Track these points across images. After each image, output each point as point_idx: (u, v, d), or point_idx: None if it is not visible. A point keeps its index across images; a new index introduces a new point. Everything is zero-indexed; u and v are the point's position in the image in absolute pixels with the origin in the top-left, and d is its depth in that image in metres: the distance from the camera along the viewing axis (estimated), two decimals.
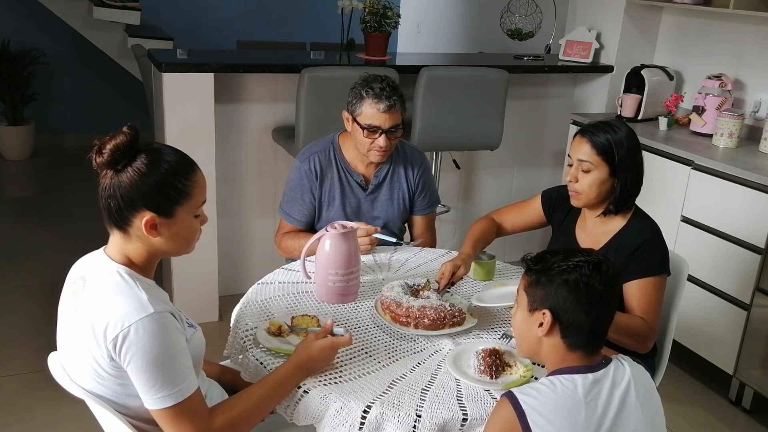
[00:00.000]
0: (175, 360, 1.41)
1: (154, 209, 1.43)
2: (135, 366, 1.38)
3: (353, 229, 2.02)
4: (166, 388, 1.39)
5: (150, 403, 1.41)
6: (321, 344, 1.62)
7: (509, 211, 2.42)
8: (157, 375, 1.38)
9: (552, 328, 1.44)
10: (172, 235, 1.48)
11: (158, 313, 1.39)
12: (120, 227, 1.46)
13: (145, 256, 1.49)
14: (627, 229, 2.06)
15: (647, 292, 1.99)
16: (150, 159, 1.44)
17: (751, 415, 3.04)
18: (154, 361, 1.37)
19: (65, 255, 4.08)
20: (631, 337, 1.96)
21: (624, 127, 2.05)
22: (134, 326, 1.36)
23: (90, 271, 1.49)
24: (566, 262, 1.44)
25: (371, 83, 2.31)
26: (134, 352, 1.37)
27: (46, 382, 2.88)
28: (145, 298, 1.41)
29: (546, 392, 1.37)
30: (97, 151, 1.43)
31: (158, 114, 3.41)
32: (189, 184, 1.47)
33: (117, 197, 1.43)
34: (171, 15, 6.14)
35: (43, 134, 6.05)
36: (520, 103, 4.09)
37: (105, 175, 1.45)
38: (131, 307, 1.39)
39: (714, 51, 3.73)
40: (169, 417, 1.41)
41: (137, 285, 1.44)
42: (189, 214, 1.49)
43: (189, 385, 1.42)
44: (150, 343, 1.37)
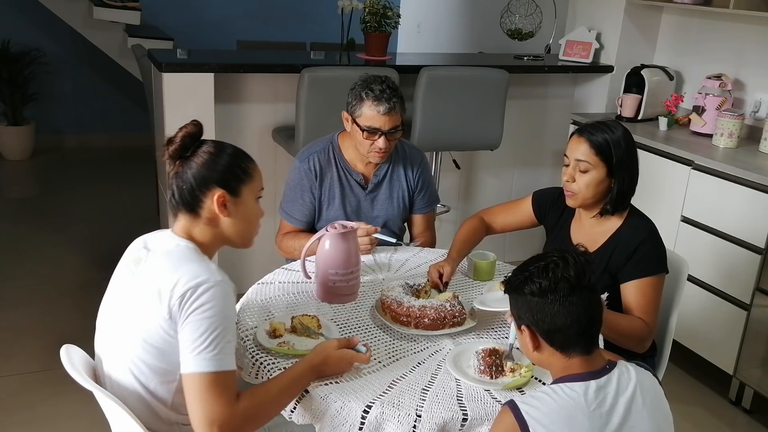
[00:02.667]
0: (229, 332, 1.46)
1: (224, 186, 1.57)
2: (194, 320, 1.42)
3: (353, 229, 2.02)
4: (212, 351, 1.42)
5: (191, 364, 1.42)
6: (341, 354, 1.64)
7: (499, 210, 2.41)
8: (210, 336, 1.42)
9: (538, 341, 1.45)
10: (238, 216, 1.60)
11: (227, 283, 1.49)
12: (191, 209, 1.57)
13: (210, 240, 1.60)
14: (624, 229, 2.06)
15: (645, 292, 1.99)
16: (216, 144, 1.60)
17: (751, 415, 3.04)
18: (214, 322, 1.43)
19: (65, 255, 4.13)
20: (629, 338, 1.96)
21: (620, 126, 2.05)
22: (207, 285, 1.44)
23: (156, 243, 1.58)
24: (522, 274, 1.44)
25: (371, 84, 2.31)
26: (198, 306, 1.42)
27: (46, 382, 2.90)
28: (215, 268, 1.51)
29: (548, 401, 1.35)
30: (168, 141, 1.57)
31: (158, 114, 3.41)
32: (251, 166, 1.64)
33: (189, 180, 1.55)
34: (171, 15, 6.13)
35: (43, 134, 6.05)
36: (520, 103, 4.09)
37: (175, 166, 1.58)
38: (204, 270, 1.48)
39: (714, 51, 3.73)
40: (203, 383, 1.41)
41: (206, 258, 1.55)
42: (252, 195, 1.64)
43: (231, 360, 1.46)
44: (216, 304, 1.44)
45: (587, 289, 1.41)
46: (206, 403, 1.41)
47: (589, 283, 1.42)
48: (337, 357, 1.63)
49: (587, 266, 1.42)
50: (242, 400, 1.47)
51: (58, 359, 1.55)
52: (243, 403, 1.47)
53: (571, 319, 1.39)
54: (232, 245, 1.65)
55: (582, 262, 1.42)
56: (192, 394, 1.43)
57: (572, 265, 1.40)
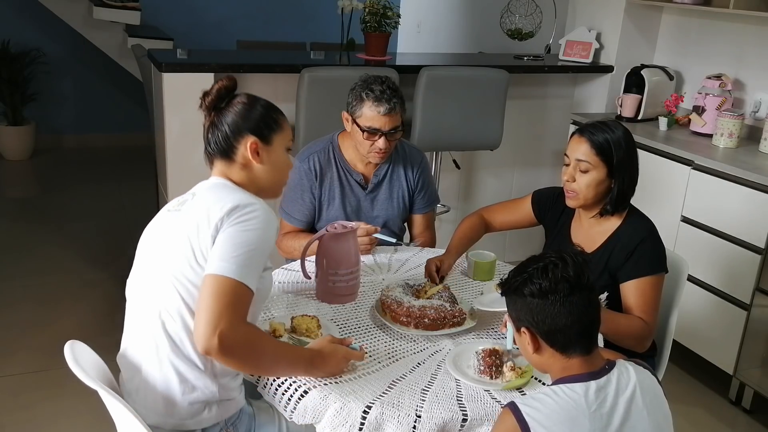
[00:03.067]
0: (262, 255, 1.53)
1: (257, 134, 1.66)
2: (233, 231, 1.49)
3: (353, 229, 2.02)
4: (240, 262, 1.47)
5: (216, 266, 1.46)
6: (334, 348, 1.64)
7: (499, 209, 2.43)
8: (244, 250, 1.48)
9: (538, 342, 1.44)
10: (270, 162, 1.69)
11: (272, 212, 1.58)
12: (226, 156, 1.67)
13: (246, 182, 1.68)
14: (623, 229, 2.06)
15: (644, 292, 1.99)
16: (248, 97, 1.71)
17: (751, 415, 3.04)
18: (252, 239, 1.50)
19: (65, 255, 4.13)
20: (629, 338, 1.97)
21: (621, 127, 2.05)
22: (254, 206, 1.55)
23: (199, 187, 1.68)
24: (521, 275, 1.44)
25: (371, 85, 2.31)
26: (242, 221, 1.51)
27: (46, 382, 2.90)
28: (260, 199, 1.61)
29: (549, 402, 1.35)
30: (204, 94, 1.69)
31: (158, 114, 3.41)
32: (282, 118, 1.73)
33: (224, 127, 1.66)
34: (171, 15, 6.13)
35: (43, 134, 6.05)
36: (520, 103, 4.09)
37: (210, 116, 1.68)
38: (250, 199, 1.59)
39: (714, 51, 3.73)
40: (221, 287, 1.44)
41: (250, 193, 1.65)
42: (282, 144, 1.72)
43: (253, 282, 1.49)
44: (259, 225, 1.52)
45: (586, 288, 1.41)
46: (217, 307, 1.43)
47: (588, 282, 1.42)
48: (331, 350, 1.63)
49: (585, 266, 1.43)
50: (251, 327, 1.51)
51: (58, 359, 1.55)
52: (249, 327, 1.50)
53: (572, 319, 1.39)
54: (262, 194, 1.69)
55: (580, 262, 1.42)
56: (207, 294, 1.45)
57: (571, 265, 1.40)
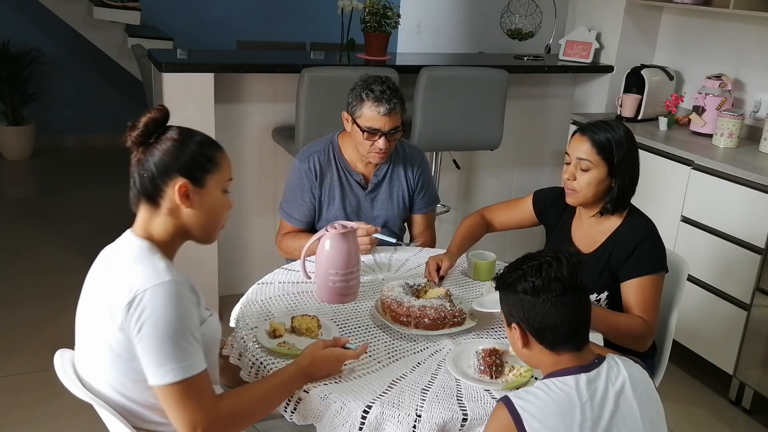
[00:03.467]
0: (186, 333, 1.38)
1: (187, 175, 1.47)
2: (145, 334, 1.35)
3: (353, 229, 2.02)
4: (174, 361, 1.36)
5: (156, 378, 1.37)
6: (327, 353, 1.61)
7: (500, 208, 2.43)
8: (167, 346, 1.36)
9: (527, 338, 1.46)
10: (202, 207, 1.50)
11: (174, 282, 1.40)
12: (151, 200, 1.49)
13: (171, 233, 1.51)
14: (623, 228, 2.06)
15: (644, 291, 1.99)
16: (181, 131, 1.50)
17: (751, 415, 3.04)
18: (165, 330, 1.35)
19: (65, 255, 4.13)
20: (629, 337, 1.97)
21: (622, 126, 2.05)
22: (148, 291, 1.36)
23: (112, 249, 1.52)
24: (516, 272, 1.46)
25: (371, 85, 2.31)
26: (145, 318, 1.35)
27: (46, 382, 2.90)
28: (162, 266, 1.42)
29: (541, 396, 1.37)
30: (131, 127, 1.48)
31: None
32: (218, 155, 1.52)
33: (151, 167, 1.47)
34: (171, 15, 6.13)
35: (43, 134, 6.05)
36: (520, 103, 4.09)
37: (137, 152, 1.49)
38: (147, 274, 1.40)
39: (714, 51, 3.73)
40: (175, 394, 1.37)
41: (156, 257, 1.45)
42: (218, 186, 1.52)
43: (198, 362, 1.40)
44: (162, 310, 1.36)
45: (579, 289, 1.44)
46: (184, 410, 1.38)
47: (581, 283, 1.44)
48: (324, 357, 1.60)
49: (579, 267, 1.45)
50: (225, 400, 1.45)
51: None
52: (226, 402, 1.44)
53: (562, 319, 1.41)
54: (194, 240, 1.55)
55: (574, 263, 1.44)
56: (168, 404, 1.39)
57: (565, 265, 1.42)
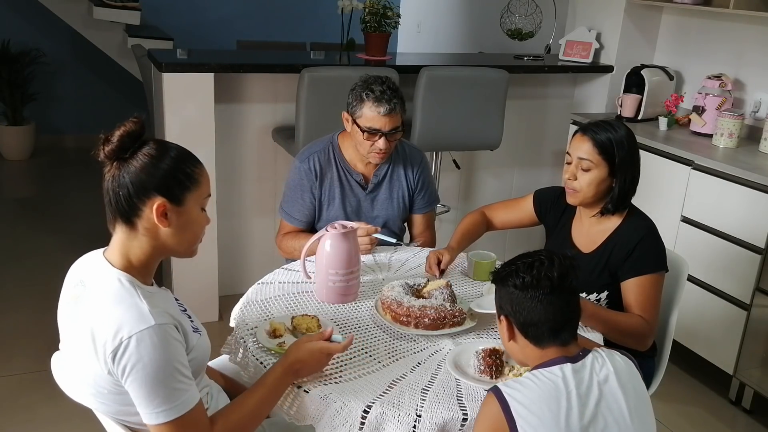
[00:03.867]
0: (175, 374, 1.36)
1: (165, 194, 1.41)
2: (134, 380, 1.33)
3: (353, 229, 2.02)
4: (166, 402, 1.35)
5: (149, 418, 1.36)
6: (311, 347, 1.58)
7: (500, 207, 2.44)
8: (157, 390, 1.34)
9: (512, 331, 1.51)
10: (180, 226, 1.44)
11: (159, 326, 1.35)
12: (127, 219, 1.42)
13: (149, 254, 1.44)
14: (623, 228, 2.07)
15: (644, 290, 1.99)
16: (158, 145, 1.43)
17: (751, 415, 3.04)
18: (154, 375, 1.33)
19: (65, 255, 4.08)
20: (630, 337, 1.97)
21: (623, 126, 2.05)
22: (134, 339, 1.32)
23: (89, 275, 1.45)
24: (510, 267, 1.51)
25: (371, 85, 2.31)
26: (133, 365, 1.32)
27: (46, 382, 2.88)
28: (146, 309, 1.36)
29: (529, 384, 1.41)
30: (104, 140, 1.40)
31: (158, 114, 3.41)
32: (197, 171, 1.46)
33: (127, 185, 1.39)
34: (171, 15, 6.13)
35: (43, 134, 6.05)
36: (520, 103, 4.09)
37: (111, 167, 1.41)
38: (131, 318, 1.34)
39: (714, 51, 3.73)
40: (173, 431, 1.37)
41: (138, 294, 1.39)
42: (197, 204, 1.47)
43: (190, 398, 1.38)
44: (150, 356, 1.32)
45: (567, 290, 1.48)
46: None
47: (571, 285, 1.48)
48: (308, 351, 1.57)
49: (572, 270, 1.48)
50: (217, 423, 1.44)
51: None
52: (218, 427, 1.43)
53: (546, 317, 1.46)
54: (173, 255, 1.51)
55: (567, 265, 1.48)
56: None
57: (557, 266, 1.46)
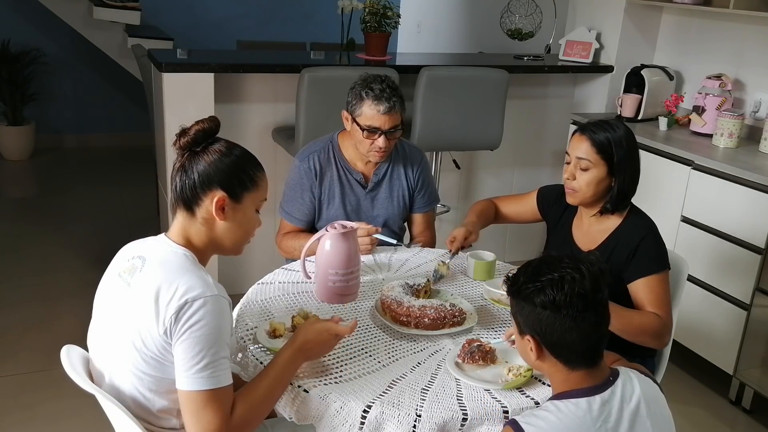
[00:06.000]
0: (223, 348, 1.44)
1: (226, 189, 1.53)
2: (188, 338, 1.40)
3: (353, 229, 2.02)
4: (207, 369, 1.40)
5: (187, 382, 1.40)
6: (318, 328, 1.61)
7: (507, 199, 2.49)
8: (206, 353, 1.40)
9: (541, 351, 1.41)
10: (235, 222, 1.56)
11: (222, 297, 1.46)
12: (188, 207, 1.54)
13: (206, 242, 1.56)
14: (623, 227, 2.07)
15: (654, 289, 1.99)
16: (228, 144, 1.58)
17: (751, 415, 3.04)
18: (209, 338, 1.41)
19: (65, 255, 4.13)
20: (647, 335, 1.95)
21: (622, 126, 2.05)
22: (202, 300, 1.41)
23: (150, 251, 1.54)
24: (534, 283, 1.37)
25: (371, 84, 2.31)
26: (192, 324, 1.40)
27: (46, 382, 2.90)
28: (210, 280, 1.47)
29: (552, 420, 1.32)
30: (181, 133, 1.54)
31: (158, 114, 3.41)
32: (259, 175, 1.60)
33: (194, 174, 1.52)
34: (171, 15, 6.14)
35: (43, 134, 6.05)
36: (520, 103, 4.09)
37: (182, 157, 1.55)
38: (198, 284, 1.44)
39: (714, 51, 3.73)
40: (200, 401, 1.40)
41: (202, 269, 1.51)
42: (253, 204, 1.59)
43: (226, 376, 1.44)
44: (211, 320, 1.41)
45: (600, 304, 1.37)
46: (202, 420, 1.40)
47: (604, 298, 1.37)
48: (316, 332, 1.60)
49: (602, 278, 1.37)
50: (236, 408, 1.46)
51: (58, 359, 1.55)
52: (237, 410, 1.45)
53: (581, 337, 1.35)
54: (222, 252, 1.61)
55: (596, 273, 1.37)
56: (188, 410, 1.42)
57: (588, 277, 1.35)
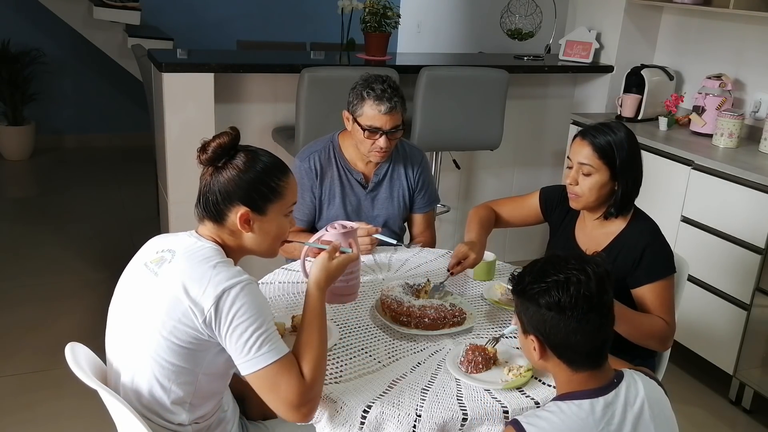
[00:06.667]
0: (269, 322, 1.46)
1: (248, 204, 1.55)
2: (236, 326, 1.42)
3: (353, 229, 2.02)
4: (268, 342, 1.43)
5: (251, 365, 1.43)
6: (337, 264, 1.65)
7: (506, 203, 2.41)
8: (259, 332, 1.43)
9: (545, 351, 1.40)
10: (262, 232, 1.59)
11: (255, 282, 1.49)
12: (215, 220, 1.57)
13: (236, 246, 1.59)
14: (628, 232, 2.05)
15: (659, 294, 1.98)
16: (248, 158, 1.56)
17: (751, 415, 3.04)
18: (255, 321, 1.43)
19: (65, 255, 4.13)
20: (653, 339, 1.96)
21: (623, 128, 2.03)
22: (236, 288, 1.44)
23: (180, 245, 1.56)
24: (539, 283, 1.36)
25: (372, 84, 2.31)
26: (235, 312, 1.42)
27: (46, 382, 2.90)
28: (239, 268, 1.50)
29: (554, 421, 1.31)
30: (201, 149, 1.56)
31: (158, 114, 3.41)
32: (282, 184, 1.59)
33: (216, 192, 1.54)
34: (171, 15, 6.14)
35: (43, 134, 6.05)
36: (520, 103, 4.09)
37: (206, 172, 1.57)
38: (229, 273, 1.46)
39: (714, 51, 3.73)
40: (272, 374, 1.43)
41: (231, 261, 1.54)
42: (280, 213, 1.60)
43: (283, 344, 1.47)
44: (250, 304, 1.44)
45: (605, 305, 1.36)
46: (281, 392, 1.44)
47: (609, 299, 1.37)
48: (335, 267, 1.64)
49: (607, 280, 1.36)
50: (303, 366, 1.49)
51: (58, 359, 1.55)
52: (305, 368, 1.49)
53: (585, 338, 1.35)
54: (256, 254, 1.64)
55: (602, 274, 1.36)
56: (264, 388, 1.45)
57: (593, 279, 1.34)
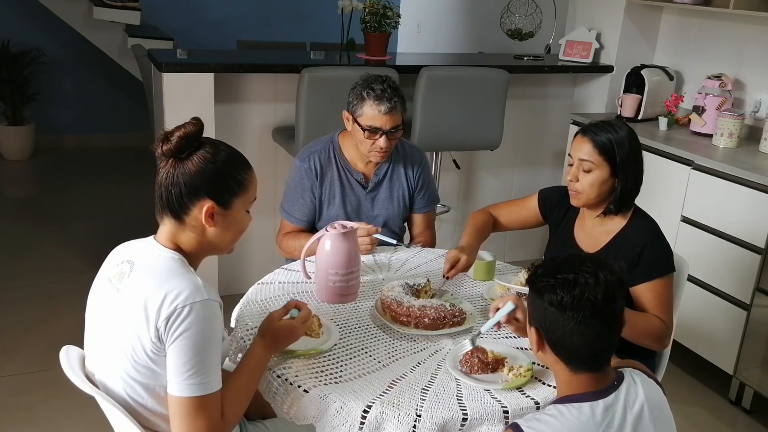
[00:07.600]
0: (214, 352, 1.43)
1: (214, 197, 1.49)
2: (180, 344, 1.38)
3: (353, 229, 2.02)
4: (198, 375, 1.40)
5: (178, 389, 1.40)
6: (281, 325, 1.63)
7: (505, 207, 2.42)
8: (196, 360, 1.39)
9: (543, 345, 1.39)
10: (225, 227, 1.53)
11: (212, 301, 1.44)
12: (176, 215, 1.50)
13: (196, 247, 1.53)
14: (628, 230, 2.06)
15: (658, 293, 1.99)
16: (212, 148, 1.51)
17: (751, 415, 3.04)
18: (199, 345, 1.39)
19: (65, 255, 4.13)
20: (649, 338, 1.96)
21: (625, 126, 2.04)
22: (191, 306, 1.39)
23: (139, 255, 1.52)
24: (549, 278, 1.34)
25: (372, 84, 2.31)
26: (183, 330, 1.38)
27: (46, 382, 2.90)
28: (200, 283, 1.45)
29: (554, 424, 1.30)
30: (163, 138, 1.48)
31: (158, 114, 3.41)
32: (247, 177, 1.55)
33: (180, 184, 1.48)
34: (171, 15, 6.13)
35: (43, 134, 6.05)
36: (520, 103, 4.09)
37: (167, 164, 1.49)
38: (189, 288, 1.42)
39: (714, 51, 3.73)
40: (190, 407, 1.40)
41: (191, 272, 1.49)
42: (243, 207, 1.56)
43: (216, 380, 1.44)
44: (201, 326, 1.39)
45: (611, 315, 1.33)
46: (192, 426, 1.41)
47: (615, 310, 1.33)
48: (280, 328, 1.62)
49: (618, 290, 1.33)
50: (226, 408, 1.46)
51: (58, 359, 1.55)
52: (225, 412, 1.46)
53: (583, 342, 1.32)
54: (214, 253, 1.59)
55: (614, 283, 1.32)
56: (178, 416, 1.41)
57: (603, 286, 1.30)
